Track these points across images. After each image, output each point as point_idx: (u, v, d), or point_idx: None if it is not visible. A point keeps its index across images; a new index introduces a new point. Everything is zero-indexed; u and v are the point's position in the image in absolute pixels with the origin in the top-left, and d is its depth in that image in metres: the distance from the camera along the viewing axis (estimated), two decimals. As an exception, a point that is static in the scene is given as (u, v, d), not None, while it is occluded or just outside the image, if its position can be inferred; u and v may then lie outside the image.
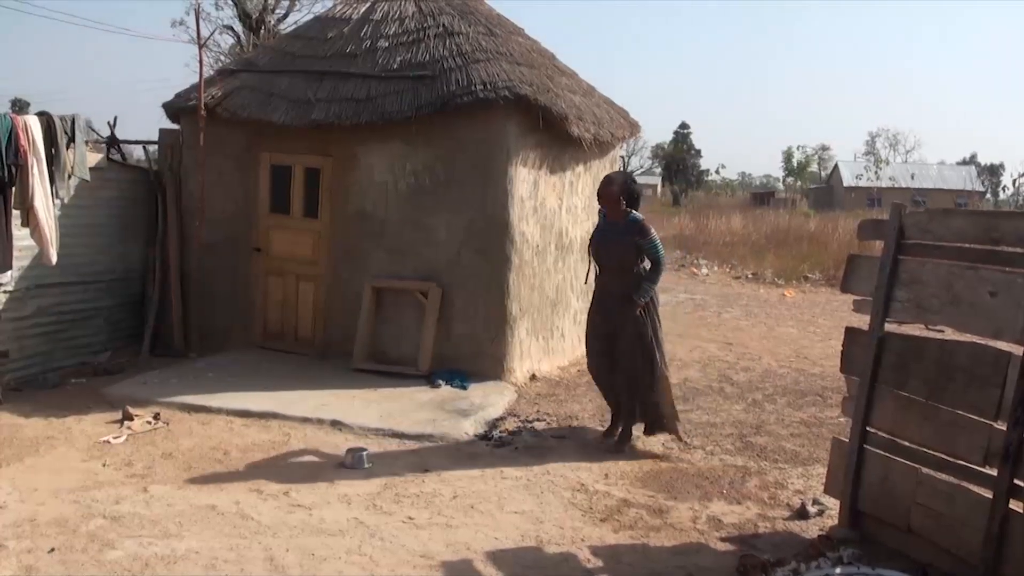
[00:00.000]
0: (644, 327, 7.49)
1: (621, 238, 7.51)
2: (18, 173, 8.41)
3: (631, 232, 7.48)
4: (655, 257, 7.54)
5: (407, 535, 5.59)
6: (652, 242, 7.49)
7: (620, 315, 7.50)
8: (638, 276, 7.50)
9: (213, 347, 10.52)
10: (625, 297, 7.46)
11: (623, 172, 7.89)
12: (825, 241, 25.98)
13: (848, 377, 5.68)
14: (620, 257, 7.54)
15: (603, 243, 7.69)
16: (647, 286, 7.47)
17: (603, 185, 7.69)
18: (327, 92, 9.93)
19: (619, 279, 7.54)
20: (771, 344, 12.89)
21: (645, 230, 7.49)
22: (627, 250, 7.49)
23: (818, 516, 6.03)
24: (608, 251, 7.64)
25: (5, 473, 6.56)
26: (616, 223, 7.60)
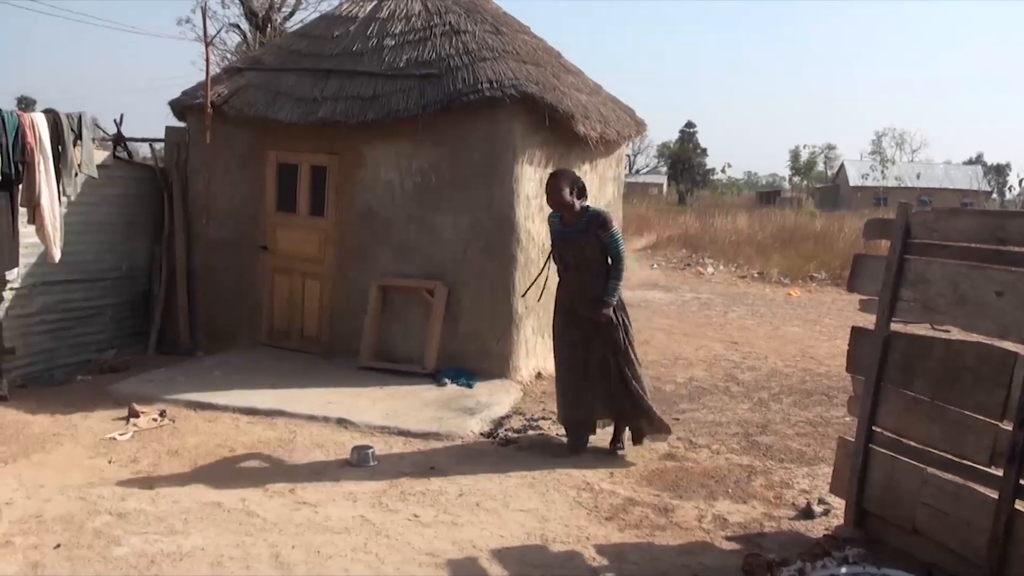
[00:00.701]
0: (617, 330, 7.20)
1: (584, 236, 7.14)
2: (25, 170, 8.44)
3: (593, 227, 7.12)
4: (616, 252, 7.18)
5: (413, 533, 5.60)
6: (613, 236, 7.15)
7: (591, 320, 7.14)
8: (604, 276, 7.17)
9: (219, 345, 10.54)
10: (594, 300, 7.11)
11: (563, 172, 7.40)
12: (831, 240, 25.96)
13: (854, 376, 5.67)
14: (586, 256, 7.18)
15: (566, 245, 7.26)
16: (614, 285, 7.13)
17: (552, 192, 7.21)
18: (333, 90, 9.94)
19: (587, 281, 7.18)
20: (777, 343, 12.88)
21: (607, 223, 7.15)
22: (592, 248, 7.15)
23: (823, 516, 6.02)
24: (573, 252, 7.22)
25: (11, 470, 6.58)
26: (575, 223, 7.22)
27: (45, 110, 8.92)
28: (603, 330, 7.16)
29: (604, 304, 7.07)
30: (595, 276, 7.15)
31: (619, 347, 7.19)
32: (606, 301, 7.07)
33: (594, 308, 7.08)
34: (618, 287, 7.16)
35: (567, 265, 7.29)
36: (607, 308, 7.08)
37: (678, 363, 11.13)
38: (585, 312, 7.15)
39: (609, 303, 7.09)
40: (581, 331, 7.24)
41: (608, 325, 7.14)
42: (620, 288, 7.20)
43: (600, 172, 11.62)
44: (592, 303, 7.10)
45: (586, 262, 7.17)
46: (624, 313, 7.30)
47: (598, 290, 7.10)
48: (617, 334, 7.19)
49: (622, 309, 7.28)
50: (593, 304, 7.10)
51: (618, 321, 7.19)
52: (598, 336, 7.18)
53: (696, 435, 7.96)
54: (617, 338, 7.19)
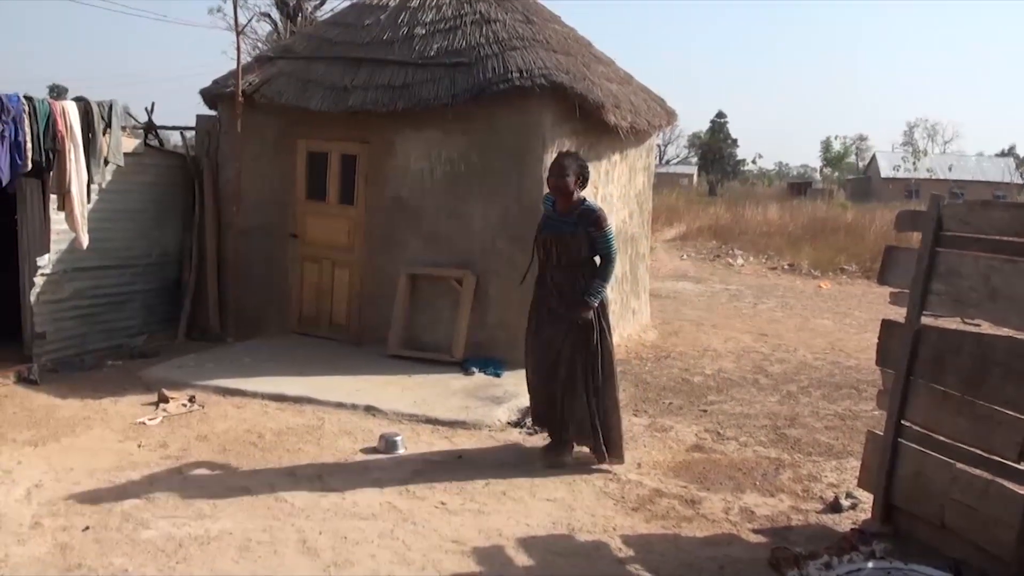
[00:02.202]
0: (592, 332, 6.67)
1: (574, 230, 6.63)
2: (55, 158, 8.52)
3: (584, 223, 6.62)
4: (606, 252, 6.66)
5: (439, 520, 5.63)
6: (606, 235, 6.63)
7: (567, 319, 6.65)
8: (590, 274, 6.67)
9: (248, 332, 10.61)
10: (574, 298, 6.62)
11: (574, 156, 6.83)
12: (862, 232, 25.76)
13: (883, 370, 5.63)
14: (572, 251, 6.66)
15: (553, 236, 6.70)
16: (598, 285, 6.62)
17: (556, 175, 6.68)
18: (364, 79, 9.95)
19: (569, 277, 6.67)
20: (806, 336, 12.81)
21: (600, 221, 6.63)
22: (580, 243, 6.63)
23: (851, 510, 5.99)
24: (559, 245, 6.67)
25: (41, 452, 6.66)
26: (568, 213, 6.71)
27: (76, 98, 9.00)
28: (579, 332, 6.66)
29: (585, 304, 6.58)
30: (578, 273, 6.66)
31: (591, 352, 6.67)
32: (587, 301, 6.58)
33: (574, 308, 6.60)
34: (603, 288, 6.67)
35: (549, 257, 6.78)
36: (588, 310, 6.59)
37: (707, 354, 11.09)
38: (564, 311, 6.66)
39: (591, 304, 6.59)
40: (557, 329, 6.73)
41: (585, 327, 6.65)
42: (606, 290, 6.71)
43: (630, 162, 11.59)
44: (573, 302, 6.62)
45: (570, 257, 6.67)
46: (605, 319, 6.78)
47: (580, 288, 6.62)
48: (592, 337, 6.67)
49: (604, 314, 6.78)
50: (574, 303, 6.62)
51: (597, 325, 6.69)
52: (570, 337, 6.68)
53: (724, 427, 7.93)
54: (590, 341, 6.67)
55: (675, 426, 7.91)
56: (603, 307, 6.75)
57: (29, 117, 8.27)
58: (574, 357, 6.68)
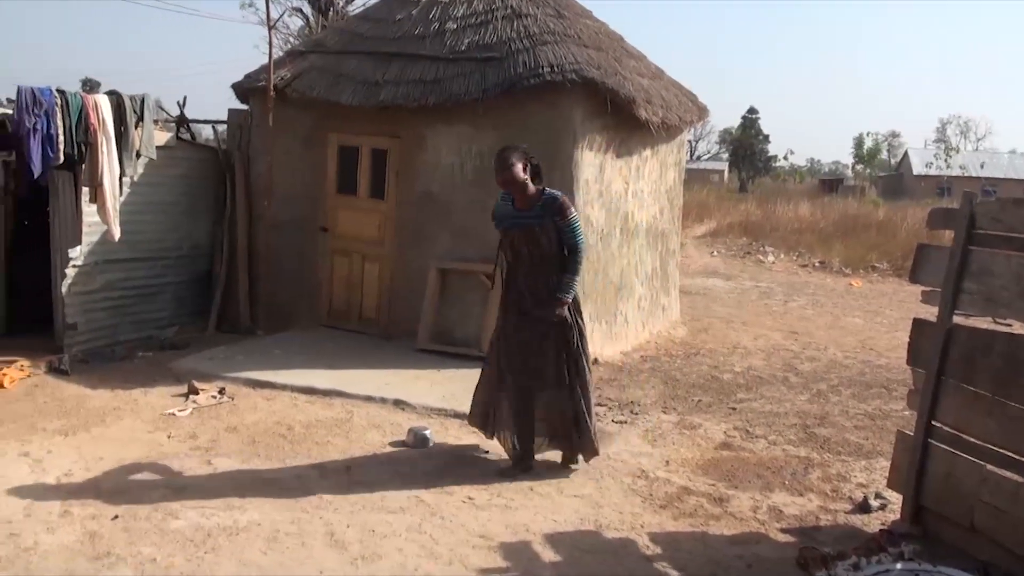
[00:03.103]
0: (571, 330, 6.37)
1: (539, 222, 6.23)
2: (88, 151, 8.59)
3: (549, 212, 6.23)
4: (574, 242, 6.27)
5: (467, 515, 5.63)
6: (572, 223, 6.24)
7: (540, 319, 6.28)
8: (560, 270, 6.29)
9: (279, 325, 10.65)
10: (546, 296, 6.26)
11: (514, 147, 6.41)
12: (893, 230, 25.59)
13: (914, 369, 5.59)
14: (541, 247, 6.27)
15: (521, 233, 6.31)
16: (569, 279, 6.24)
17: (503, 169, 6.26)
18: (395, 74, 9.96)
19: (538, 274, 6.30)
20: (837, 334, 12.73)
21: (565, 208, 6.24)
22: (547, 236, 6.23)
23: (880, 510, 5.95)
24: (528, 241, 6.28)
25: (71, 442, 6.72)
26: (529, 207, 6.31)
27: (108, 92, 9.08)
28: (556, 330, 6.33)
29: (557, 301, 6.22)
30: (550, 270, 6.29)
31: (571, 350, 6.38)
32: (560, 298, 6.22)
33: (546, 306, 6.24)
34: (575, 282, 6.29)
35: (518, 256, 6.37)
36: (561, 306, 6.24)
37: (736, 352, 11.05)
38: (536, 311, 6.29)
39: (563, 300, 6.24)
40: (534, 332, 6.36)
41: (562, 325, 6.32)
42: (576, 284, 6.34)
43: (661, 158, 11.55)
44: (545, 301, 6.26)
45: (541, 253, 6.27)
46: (579, 314, 6.49)
47: (550, 285, 6.26)
48: (571, 335, 6.37)
49: (577, 309, 6.46)
50: (544, 302, 6.26)
51: (572, 321, 6.38)
52: (549, 337, 6.34)
53: (753, 425, 7.89)
54: (570, 340, 6.37)
55: (704, 423, 7.88)
56: (577, 305, 6.47)
57: (61, 110, 8.36)
58: (559, 358, 6.36)
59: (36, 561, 4.79)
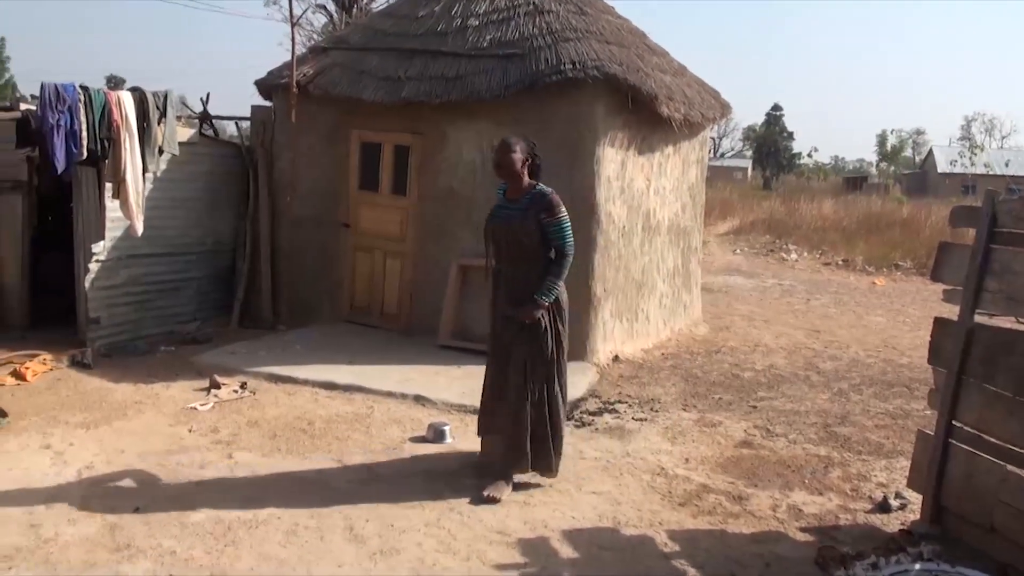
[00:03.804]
0: (544, 335, 5.96)
1: (523, 218, 5.86)
2: (111, 147, 8.65)
3: (535, 208, 5.86)
4: (561, 243, 5.88)
5: (485, 511, 5.64)
6: (559, 223, 5.85)
7: (518, 320, 5.94)
8: (544, 270, 5.91)
9: (300, 320, 10.71)
10: (525, 296, 5.89)
11: (523, 136, 6.09)
12: (917, 228, 25.43)
13: (935, 369, 5.55)
14: (522, 243, 5.90)
15: (502, 226, 5.98)
16: (551, 283, 5.85)
17: (501, 152, 5.93)
18: (417, 70, 9.98)
19: (522, 272, 5.95)
20: (859, 333, 12.67)
21: (552, 205, 5.85)
22: (530, 233, 5.86)
23: (900, 510, 5.91)
24: (508, 235, 5.95)
25: (93, 435, 6.78)
26: (517, 200, 5.97)
27: (131, 88, 9.12)
28: (528, 334, 5.95)
29: (534, 304, 5.84)
30: (530, 269, 5.93)
31: (543, 358, 5.97)
32: (537, 301, 5.83)
33: (522, 308, 5.89)
34: (556, 286, 5.91)
35: (499, 250, 6.07)
36: (536, 309, 5.85)
37: (757, 350, 11.01)
38: (512, 312, 5.97)
39: (541, 304, 5.85)
40: (512, 334, 6.04)
41: (535, 329, 5.93)
42: (559, 288, 5.96)
43: (683, 155, 11.53)
44: (524, 302, 5.90)
45: (522, 251, 5.92)
46: (561, 320, 6.05)
47: (533, 286, 5.88)
48: (544, 341, 5.95)
49: (559, 314, 6.05)
50: (524, 303, 5.89)
51: (549, 326, 5.97)
52: (522, 341, 5.98)
53: (774, 424, 7.87)
54: (543, 346, 5.96)
55: (724, 421, 7.86)
56: (558, 308, 6.03)
57: (84, 106, 8.41)
58: (526, 364, 5.96)
59: (56, 552, 4.83)
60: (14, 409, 7.20)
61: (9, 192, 9.72)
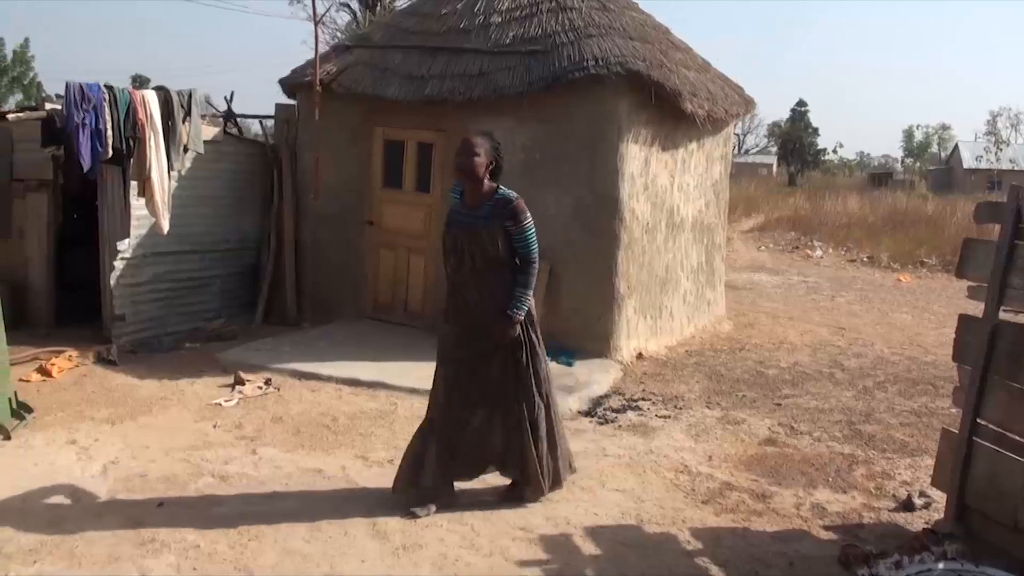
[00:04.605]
0: (521, 349, 5.58)
1: (488, 226, 5.43)
2: (136, 145, 8.71)
3: (500, 215, 5.45)
4: (527, 252, 5.50)
5: (508, 507, 5.65)
6: (524, 230, 5.47)
7: (487, 336, 5.52)
8: (510, 281, 5.51)
9: (324, 317, 10.74)
10: (493, 310, 5.48)
11: (487, 135, 5.61)
12: (943, 225, 25.24)
13: (960, 366, 5.50)
14: (487, 251, 5.46)
15: (464, 235, 5.50)
16: (521, 294, 5.47)
17: (464, 155, 5.44)
18: (440, 68, 9.99)
19: (484, 283, 5.52)
20: (884, 330, 12.60)
21: (518, 213, 5.45)
22: (495, 243, 5.44)
23: (924, 509, 5.88)
24: (472, 245, 5.47)
25: (118, 430, 6.84)
26: (478, 206, 5.53)
27: (156, 87, 9.18)
28: (504, 351, 5.56)
29: (508, 320, 5.45)
30: (498, 279, 5.52)
31: (520, 370, 5.59)
32: (511, 315, 5.44)
33: (495, 324, 5.48)
34: (527, 297, 5.53)
35: (461, 260, 5.55)
36: (512, 325, 5.47)
37: (782, 347, 10.97)
38: (479, 325, 5.54)
39: (515, 318, 5.47)
40: (475, 348, 5.60)
41: (512, 344, 5.55)
42: (530, 296, 5.60)
43: (707, 151, 11.49)
44: (491, 316, 5.49)
45: (487, 260, 5.48)
46: (532, 328, 5.67)
47: (498, 298, 5.49)
48: (520, 353, 5.58)
49: (530, 324, 5.66)
50: (491, 316, 5.49)
51: (526, 340, 5.61)
52: (495, 357, 5.57)
53: (798, 421, 7.84)
54: (520, 358, 5.58)
55: (748, 419, 7.84)
56: (530, 318, 5.65)
57: (109, 105, 8.48)
58: (504, 377, 5.58)
59: (81, 546, 4.87)
60: (40, 405, 7.27)
61: (35, 191, 9.82)
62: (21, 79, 69.81)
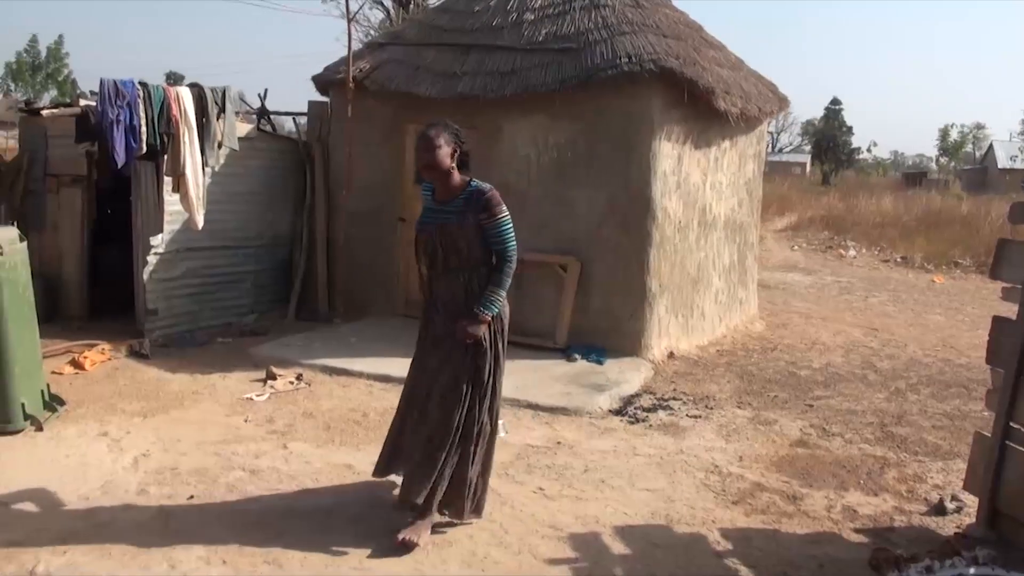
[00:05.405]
0: (485, 356, 5.08)
1: (460, 221, 5.02)
2: (170, 142, 8.78)
3: (472, 208, 5.03)
4: (502, 247, 5.08)
5: (537, 505, 5.64)
6: (499, 224, 5.06)
7: (454, 337, 5.03)
8: (485, 280, 5.08)
9: (356, 313, 10.79)
10: (463, 311, 5.04)
11: (444, 124, 5.20)
12: (977, 225, 25.02)
13: (993, 369, 5.44)
14: (461, 248, 5.05)
15: (435, 231, 5.08)
16: (492, 293, 5.02)
17: (424, 150, 5.06)
18: (473, 65, 10.00)
19: (455, 282, 5.10)
20: (917, 331, 12.50)
21: (491, 205, 5.03)
22: (468, 238, 5.04)
23: (956, 513, 5.81)
24: (443, 241, 5.05)
25: (150, 424, 6.89)
26: (449, 200, 5.13)
27: (190, 84, 9.25)
28: (462, 352, 5.06)
29: (476, 319, 4.99)
30: (470, 278, 5.09)
31: (479, 379, 5.09)
32: (479, 314, 4.99)
33: (461, 325, 5.01)
34: (499, 297, 5.07)
35: (433, 259, 5.15)
36: (479, 326, 5.01)
37: (815, 348, 10.90)
38: (449, 326, 5.09)
39: (483, 318, 5.01)
40: (443, 353, 5.14)
41: (475, 347, 5.06)
42: (503, 297, 5.12)
43: (740, 149, 11.43)
44: (460, 314, 5.05)
45: (459, 257, 5.07)
46: (501, 337, 5.20)
47: (470, 297, 5.06)
48: (483, 362, 5.09)
49: (500, 331, 5.19)
50: (460, 316, 5.04)
51: (490, 345, 5.11)
52: (452, 359, 5.08)
53: (830, 423, 7.78)
54: (481, 367, 5.09)
55: (779, 420, 7.79)
56: (500, 324, 5.18)
57: (144, 102, 8.55)
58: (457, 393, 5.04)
59: (112, 537, 4.91)
60: (72, 397, 7.34)
61: (69, 186, 9.92)
62: (55, 76, 70.56)
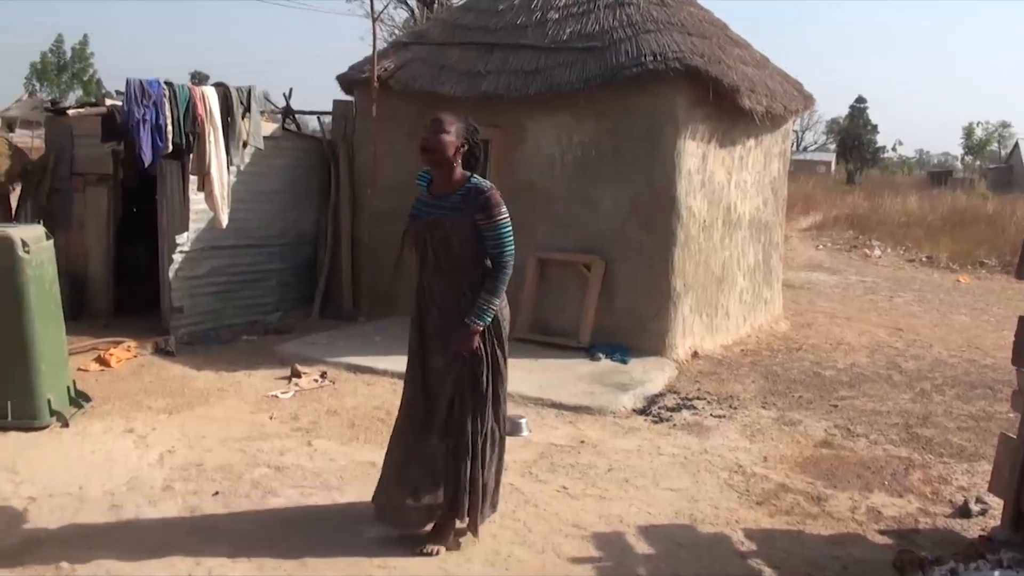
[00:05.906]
0: (480, 367, 4.82)
1: (455, 219, 4.71)
2: (195, 141, 8.83)
3: (471, 206, 4.70)
4: (499, 251, 4.73)
5: (561, 504, 5.64)
6: (498, 227, 4.70)
7: (448, 343, 4.79)
8: (479, 282, 4.76)
9: (380, 312, 10.80)
10: (457, 317, 4.74)
11: (464, 119, 4.86)
12: (1003, 225, 24.82)
13: (1019, 370, 5.40)
14: (453, 247, 4.74)
15: (427, 227, 4.79)
16: (486, 301, 4.70)
17: (431, 131, 4.76)
18: (497, 64, 10.01)
19: (447, 284, 4.81)
20: (943, 332, 12.42)
21: (490, 205, 4.69)
22: (463, 235, 4.71)
23: (980, 515, 5.77)
24: (435, 239, 4.76)
25: (176, 420, 6.93)
26: (446, 195, 4.82)
27: (215, 83, 9.30)
28: (463, 365, 4.82)
29: (467, 329, 4.70)
30: (463, 281, 4.79)
31: (478, 391, 4.85)
32: (471, 324, 4.69)
33: (456, 332, 4.74)
34: (492, 305, 4.74)
35: (424, 257, 4.87)
36: (471, 336, 4.72)
37: (839, 348, 10.86)
38: (443, 330, 4.83)
39: (475, 327, 4.71)
40: (442, 360, 4.89)
41: (471, 358, 4.80)
42: (497, 305, 4.79)
43: (765, 148, 11.39)
44: (455, 322, 4.76)
45: (450, 257, 4.76)
46: (499, 342, 4.93)
47: (465, 303, 4.76)
48: (480, 371, 4.84)
49: (497, 336, 4.91)
50: (456, 321, 4.75)
51: (489, 356, 4.87)
52: (451, 367, 4.84)
53: (854, 424, 7.75)
54: (479, 376, 4.84)
55: (804, 420, 7.77)
56: (498, 330, 4.91)
57: (169, 101, 8.61)
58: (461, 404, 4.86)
59: (137, 533, 4.94)
60: (98, 394, 7.39)
61: (95, 185, 9.98)
62: (80, 75, 71.07)
